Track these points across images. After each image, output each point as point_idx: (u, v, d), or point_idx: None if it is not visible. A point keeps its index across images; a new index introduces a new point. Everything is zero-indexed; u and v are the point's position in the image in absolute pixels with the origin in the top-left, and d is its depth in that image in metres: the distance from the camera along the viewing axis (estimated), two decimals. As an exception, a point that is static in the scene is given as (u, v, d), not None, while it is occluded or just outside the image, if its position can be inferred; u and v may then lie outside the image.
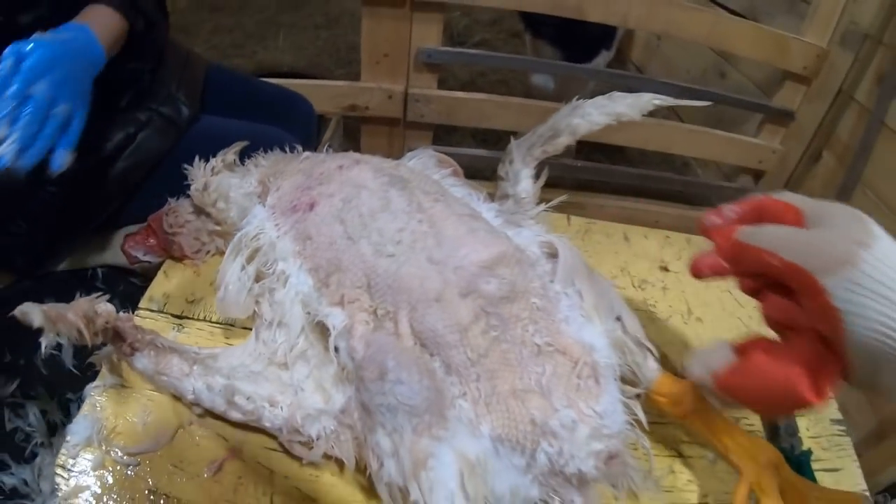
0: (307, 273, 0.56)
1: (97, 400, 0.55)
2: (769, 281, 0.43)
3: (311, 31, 2.45)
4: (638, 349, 0.55)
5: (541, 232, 0.64)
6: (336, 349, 0.51)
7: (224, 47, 2.30)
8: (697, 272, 0.47)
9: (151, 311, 0.66)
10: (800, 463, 0.60)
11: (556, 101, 1.49)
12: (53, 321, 0.45)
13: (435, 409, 0.43)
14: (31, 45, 0.57)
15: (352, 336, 0.50)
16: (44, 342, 0.45)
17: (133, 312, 0.64)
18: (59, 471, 0.49)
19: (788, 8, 1.58)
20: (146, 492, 0.49)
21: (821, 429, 0.66)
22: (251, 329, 0.60)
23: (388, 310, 0.51)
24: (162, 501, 0.48)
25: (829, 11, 1.34)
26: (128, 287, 0.75)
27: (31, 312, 0.44)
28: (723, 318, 0.78)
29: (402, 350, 0.46)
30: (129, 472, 0.50)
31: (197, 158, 0.72)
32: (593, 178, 1.63)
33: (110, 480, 0.49)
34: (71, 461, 0.50)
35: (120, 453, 0.51)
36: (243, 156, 0.75)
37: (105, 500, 0.48)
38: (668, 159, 1.96)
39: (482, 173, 1.68)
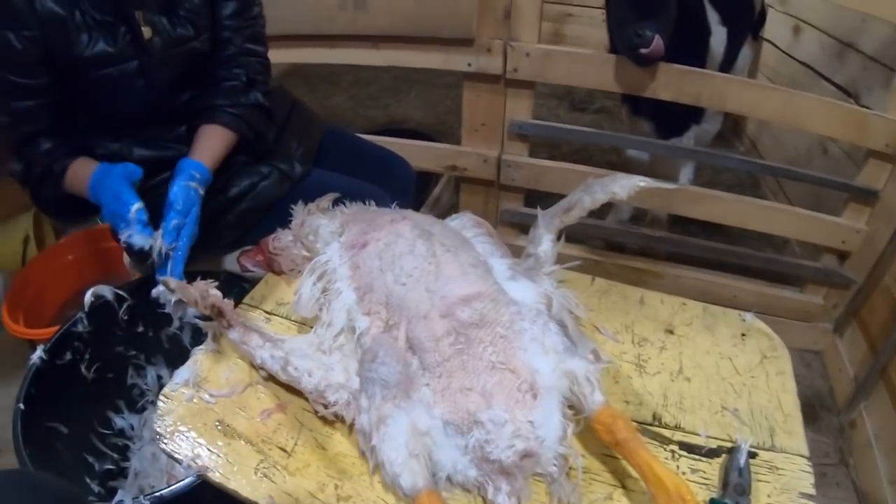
0: (353, 291, 0.83)
1: (199, 358, 0.85)
2: None
3: (442, 91, 2.81)
4: (586, 382, 0.72)
5: (548, 286, 0.85)
6: (361, 346, 0.77)
7: (362, 98, 2.72)
8: None
9: (250, 305, 0.96)
10: (736, 524, 0.69)
11: (651, 173, 1.67)
12: (182, 290, 0.76)
13: (402, 389, 0.67)
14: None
15: (367, 335, 0.75)
16: (172, 302, 0.77)
17: (238, 304, 0.95)
18: (162, 397, 0.79)
19: (885, 83, 1.62)
20: (216, 421, 0.77)
21: (785, 499, 0.72)
22: (314, 327, 0.87)
23: (395, 321, 0.76)
24: (224, 429, 0.76)
25: (913, 86, 1.35)
26: (241, 289, 1.05)
27: (169, 281, 0.75)
28: (714, 380, 0.89)
29: (392, 346, 0.72)
30: (208, 407, 0.78)
31: (300, 202, 1.03)
32: (676, 249, 1.76)
33: (195, 410, 0.78)
34: (172, 392, 0.80)
35: (205, 394, 0.80)
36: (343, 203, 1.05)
37: (187, 420, 0.77)
38: (768, 237, 2.01)
39: (574, 237, 1.88)
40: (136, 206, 0.92)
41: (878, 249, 1.51)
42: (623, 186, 0.88)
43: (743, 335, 0.99)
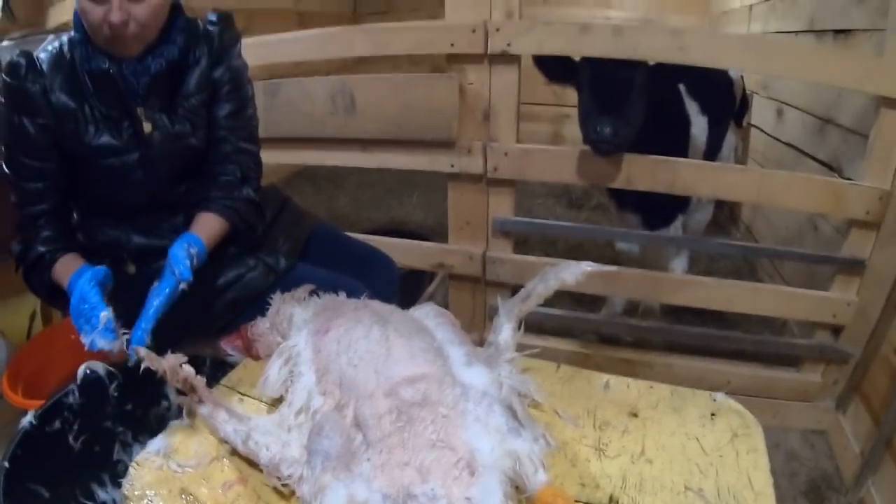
0: (313, 373, 0.89)
1: (173, 430, 0.91)
2: None
3: (442, 193, 2.93)
4: (529, 462, 0.75)
5: (505, 372, 0.90)
6: (314, 423, 0.82)
7: (365, 201, 2.88)
8: None
9: (227, 386, 1.03)
10: None
11: (643, 264, 1.73)
12: (151, 360, 0.84)
13: (343, 462, 0.72)
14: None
15: (320, 412, 0.81)
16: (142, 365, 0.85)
17: (217, 384, 1.02)
18: (134, 464, 0.86)
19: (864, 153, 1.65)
20: (180, 489, 0.82)
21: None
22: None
23: (346, 400, 0.82)
24: (187, 497, 0.81)
25: (887, 151, 1.38)
26: (224, 372, 1.11)
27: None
28: (678, 461, 0.88)
29: (338, 422, 0.77)
30: (175, 476, 0.84)
31: (279, 291, 1.11)
32: (668, 339, 1.78)
33: (162, 477, 0.84)
34: (144, 460, 0.86)
35: (174, 464, 0.85)
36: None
37: (155, 485, 0.82)
38: (767, 321, 2.02)
39: (567, 332, 1.92)
40: (104, 314, 0.99)
41: (871, 320, 1.50)
42: (572, 273, 0.95)
43: (713, 415, 0.98)
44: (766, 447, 0.92)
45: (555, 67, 1.51)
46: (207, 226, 1.15)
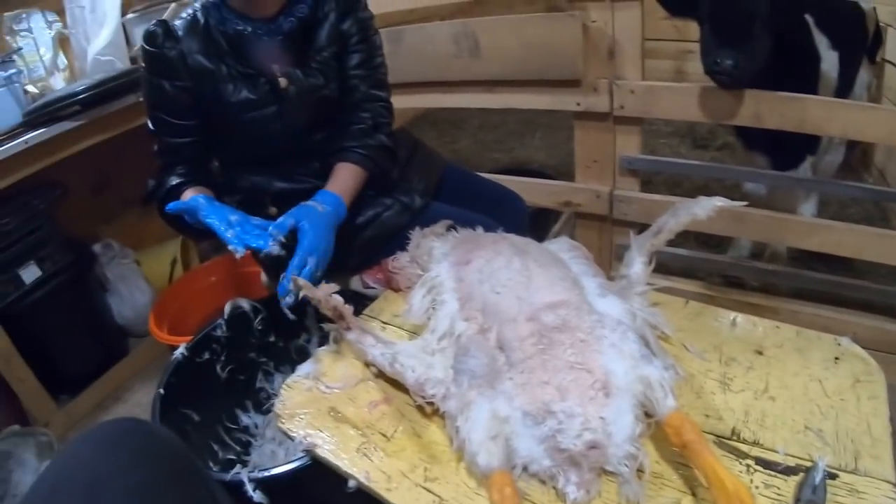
0: (456, 301, 0.97)
1: (321, 356, 1.01)
2: None
3: (565, 132, 2.89)
4: (659, 388, 0.79)
5: (636, 304, 0.94)
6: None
7: (487, 142, 2.88)
8: None
9: (369, 316, 1.12)
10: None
11: (769, 207, 1.67)
12: (308, 290, 0.94)
13: (487, 380, 0.79)
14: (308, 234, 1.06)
15: (464, 336, 0.89)
16: (300, 294, 0.95)
17: (359, 315, 1.11)
18: (285, 386, 0.96)
19: None
20: (328, 408, 0.92)
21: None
22: (424, 335, 1.01)
23: (489, 325, 0.89)
24: (335, 415, 0.90)
25: None
26: (364, 307, 1.16)
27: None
28: (800, 401, 0.88)
29: (483, 343, 0.85)
30: (324, 396, 0.94)
31: (417, 227, 1.19)
32: (793, 284, 1.72)
33: (311, 398, 0.94)
34: (294, 382, 0.97)
35: (322, 385, 0.96)
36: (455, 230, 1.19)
37: (305, 405, 0.92)
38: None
39: (692, 273, 1.90)
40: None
41: None
42: (703, 207, 0.96)
43: (836, 359, 0.96)
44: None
45: (676, 0, 1.46)
46: (343, 176, 1.21)
